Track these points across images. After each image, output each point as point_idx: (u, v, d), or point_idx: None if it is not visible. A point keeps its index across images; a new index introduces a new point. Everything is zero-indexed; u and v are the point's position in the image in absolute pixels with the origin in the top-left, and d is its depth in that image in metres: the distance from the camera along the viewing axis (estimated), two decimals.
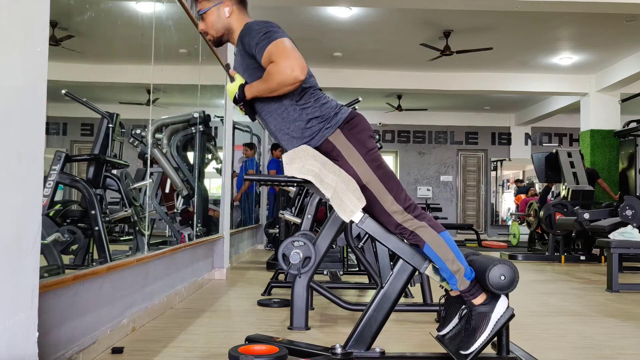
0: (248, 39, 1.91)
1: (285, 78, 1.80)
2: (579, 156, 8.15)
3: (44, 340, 1.79)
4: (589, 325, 3.22)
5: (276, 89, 1.85)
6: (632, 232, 4.92)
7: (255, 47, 1.88)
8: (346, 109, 2.00)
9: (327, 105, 1.98)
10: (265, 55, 1.85)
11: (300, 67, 1.80)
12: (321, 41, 7.70)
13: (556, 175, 8.26)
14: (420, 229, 1.95)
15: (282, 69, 1.80)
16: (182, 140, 4.32)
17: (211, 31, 2.07)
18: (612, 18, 6.57)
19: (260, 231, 9.17)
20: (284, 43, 1.84)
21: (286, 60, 1.80)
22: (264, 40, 1.86)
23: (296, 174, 1.90)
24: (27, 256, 1.47)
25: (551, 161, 8.27)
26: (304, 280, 2.86)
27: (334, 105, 2.00)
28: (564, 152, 8.16)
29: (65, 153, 2.52)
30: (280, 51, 1.82)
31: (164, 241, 3.99)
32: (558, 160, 8.10)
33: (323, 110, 1.96)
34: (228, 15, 2.03)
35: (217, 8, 2.03)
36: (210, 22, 2.06)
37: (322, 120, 1.95)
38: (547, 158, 8.34)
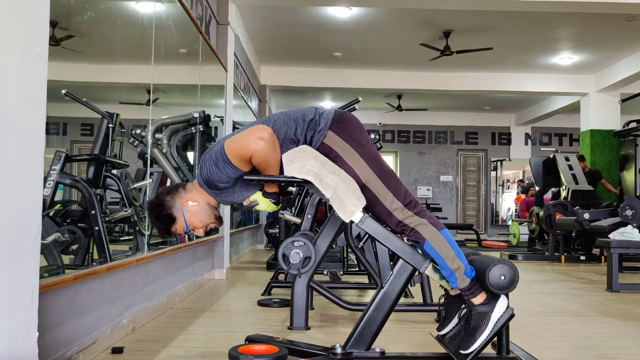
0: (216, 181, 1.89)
1: (264, 150, 1.81)
2: (576, 160, 8.19)
3: (44, 340, 1.79)
4: (589, 325, 3.22)
5: (271, 160, 1.85)
6: (632, 232, 4.92)
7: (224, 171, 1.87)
8: (330, 110, 2.00)
9: (307, 115, 1.97)
10: (234, 162, 1.84)
11: (256, 135, 1.81)
12: (321, 41, 7.70)
13: (554, 180, 8.28)
14: (421, 226, 1.96)
15: (255, 149, 1.80)
16: (182, 140, 4.32)
17: (203, 224, 2.02)
18: (612, 18, 6.57)
19: (260, 231, 9.17)
20: (229, 144, 1.85)
21: (249, 144, 1.81)
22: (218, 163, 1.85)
23: (296, 174, 1.90)
24: (27, 256, 1.47)
25: (549, 166, 8.29)
26: (304, 280, 2.86)
27: (314, 111, 1.99)
28: (561, 157, 8.19)
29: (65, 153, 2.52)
30: (237, 146, 1.83)
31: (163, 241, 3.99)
32: (556, 165, 8.11)
33: (306, 123, 1.95)
34: (197, 202, 1.98)
35: (187, 210, 1.97)
36: (196, 223, 2.00)
37: (311, 127, 1.95)
38: (544, 163, 8.35)
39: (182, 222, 1.97)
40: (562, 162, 8.09)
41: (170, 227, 1.99)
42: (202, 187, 1.97)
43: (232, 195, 1.99)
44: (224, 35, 5.33)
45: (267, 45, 7.88)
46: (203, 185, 1.95)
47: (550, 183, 8.44)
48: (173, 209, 1.96)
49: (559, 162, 8.08)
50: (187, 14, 3.94)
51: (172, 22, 3.73)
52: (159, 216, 1.97)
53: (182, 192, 1.99)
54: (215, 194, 1.97)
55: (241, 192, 1.99)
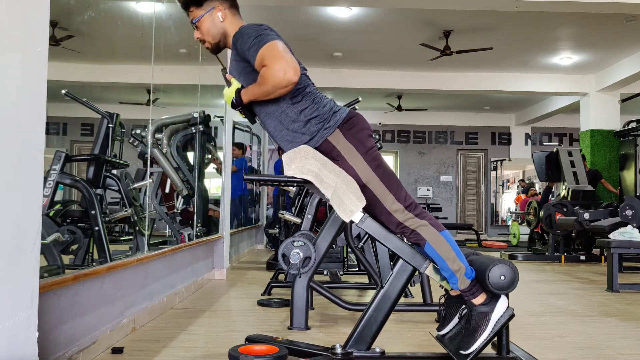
0: (241, 43, 1.91)
1: (278, 81, 1.80)
2: (579, 155, 8.15)
3: (44, 340, 1.79)
4: (589, 325, 3.22)
5: (271, 92, 1.86)
6: (632, 232, 4.92)
7: (247, 51, 1.88)
8: (345, 109, 2.01)
9: (324, 105, 1.98)
10: (257, 58, 1.85)
11: (292, 69, 1.80)
12: (321, 41, 7.70)
13: (557, 174, 8.26)
14: (421, 227, 1.96)
15: (275, 72, 1.80)
16: (182, 140, 4.32)
17: (208, 38, 2.06)
18: (612, 18, 6.56)
19: (260, 231, 9.18)
20: (276, 45, 1.85)
21: (278, 63, 1.80)
22: (255, 44, 1.86)
23: (296, 174, 1.90)
24: (27, 256, 1.47)
25: (552, 160, 8.27)
26: (304, 280, 2.86)
27: (332, 106, 2.00)
28: (564, 151, 8.15)
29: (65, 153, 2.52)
30: (272, 54, 1.83)
31: (164, 241, 3.99)
32: (559, 160, 8.09)
33: (320, 111, 1.96)
34: (222, 19, 2.02)
35: (210, 14, 2.02)
36: (205, 30, 2.04)
37: (321, 120, 1.95)
38: (547, 157, 8.34)
39: (201, 14, 2.01)
40: (564, 157, 8.06)
41: (191, 5, 2.02)
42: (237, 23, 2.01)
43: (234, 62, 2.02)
44: None
45: None
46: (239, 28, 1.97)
47: (553, 178, 8.42)
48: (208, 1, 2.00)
49: (561, 158, 8.05)
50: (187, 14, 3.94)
51: (172, 22, 3.73)
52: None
53: (226, 4, 2.03)
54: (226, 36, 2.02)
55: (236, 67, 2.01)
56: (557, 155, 8.16)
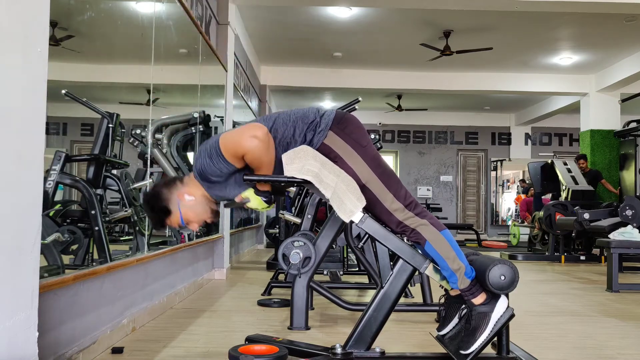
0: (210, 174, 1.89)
1: (255, 146, 1.80)
2: (574, 164, 8.19)
3: (44, 340, 1.79)
4: (589, 325, 3.22)
5: (268, 160, 1.86)
6: (632, 232, 4.92)
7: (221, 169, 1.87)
8: (331, 110, 2.00)
9: (307, 115, 1.97)
10: (229, 158, 1.84)
11: (250, 131, 1.82)
12: (321, 41, 7.70)
13: (552, 185, 8.29)
14: (421, 226, 1.96)
15: (249, 147, 1.80)
16: (182, 140, 4.32)
17: (201, 217, 1.99)
18: (612, 18, 6.57)
19: (260, 231, 9.17)
20: (223, 139, 1.85)
21: (242, 142, 1.81)
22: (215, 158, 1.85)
23: (296, 174, 1.90)
24: (27, 256, 1.47)
25: (547, 171, 8.29)
26: (304, 280, 2.86)
27: (315, 111, 1.99)
28: (559, 162, 8.20)
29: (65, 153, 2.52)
30: (230, 144, 1.83)
31: (164, 241, 3.99)
32: (554, 170, 8.12)
33: (307, 121, 1.95)
34: (193, 197, 1.96)
35: (182, 204, 1.94)
36: (192, 217, 1.97)
37: (312, 128, 1.94)
38: (542, 168, 8.35)
39: (178, 216, 1.95)
40: (560, 167, 8.10)
41: (164, 220, 1.96)
42: (197, 179, 1.95)
43: (225, 190, 1.98)
44: (224, 35, 5.33)
45: (267, 45, 7.88)
46: (197, 177, 1.94)
47: (548, 188, 8.45)
48: (169, 202, 1.94)
49: (557, 167, 8.08)
50: (187, 14, 3.94)
51: (172, 22, 3.73)
52: (154, 208, 1.96)
53: (180, 186, 1.97)
54: (207, 187, 1.96)
55: (234, 188, 1.98)
56: (552, 166, 8.18)
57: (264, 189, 1.96)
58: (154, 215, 1.98)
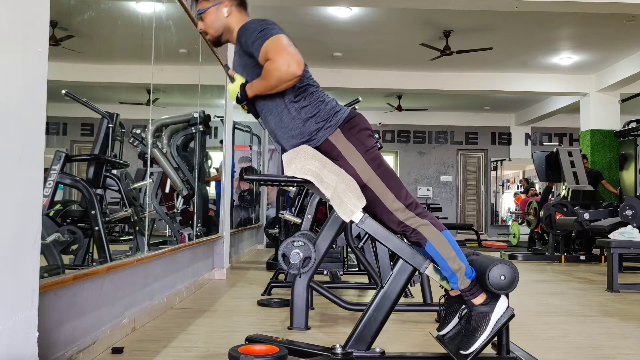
0: (245, 38, 1.93)
1: (282, 74, 1.82)
2: (579, 155, 8.14)
3: (44, 340, 1.79)
4: (589, 325, 3.22)
5: (275, 86, 1.87)
6: (632, 232, 4.92)
7: (252, 46, 1.90)
8: (346, 109, 2.01)
9: (326, 104, 1.98)
10: (261, 52, 1.86)
11: (296, 62, 1.81)
12: (321, 41, 7.70)
13: (557, 174, 8.25)
14: (422, 226, 1.96)
15: (279, 65, 1.81)
16: (182, 141, 4.32)
17: (210, 30, 2.09)
18: (612, 18, 6.56)
19: (260, 231, 9.17)
20: (280, 39, 1.86)
21: (282, 57, 1.81)
22: (259, 38, 1.87)
23: (296, 174, 1.90)
24: (27, 256, 1.47)
25: (552, 160, 8.27)
26: (304, 280, 2.86)
27: (333, 105, 2.00)
28: (564, 151, 8.14)
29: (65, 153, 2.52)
30: (276, 48, 1.84)
31: (164, 241, 3.99)
32: (559, 160, 8.09)
33: (322, 109, 1.96)
34: (227, 15, 2.05)
35: (216, 8, 2.05)
36: (209, 22, 2.07)
37: (322, 119, 1.95)
38: (547, 157, 8.33)
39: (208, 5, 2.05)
40: (564, 157, 8.06)
41: None
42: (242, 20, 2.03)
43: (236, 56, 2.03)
44: None
45: None
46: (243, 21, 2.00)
47: (553, 177, 8.42)
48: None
49: (561, 158, 8.05)
50: (187, 14, 3.94)
51: (172, 22, 3.73)
52: None
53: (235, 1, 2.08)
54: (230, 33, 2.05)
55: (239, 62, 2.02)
56: (557, 156, 8.15)
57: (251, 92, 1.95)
58: None
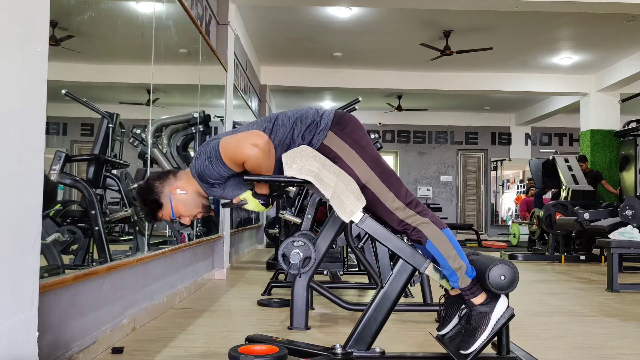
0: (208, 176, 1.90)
1: (258, 156, 1.81)
2: (575, 161, 8.19)
3: (44, 340, 1.79)
4: (589, 325, 3.22)
5: (268, 166, 1.87)
6: (632, 232, 4.92)
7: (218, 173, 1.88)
8: (330, 111, 2.00)
9: (307, 116, 1.97)
10: (229, 164, 1.85)
11: (252, 139, 1.82)
12: (321, 41, 7.70)
13: (553, 181, 8.28)
14: (423, 225, 1.95)
15: (249, 155, 1.81)
16: (182, 141, 4.32)
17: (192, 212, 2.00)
18: (612, 18, 6.57)
19: (260, 231, 9.17)
20: (225, 143, 1.85)
21: (243, 148, 1.81)
22: (215, 161, 1.86)
23: (296, 174, 1.90)
24: (27, 256, 1.47)
25: (548, 167, 8.29)
26: (304, 280, 2.86)
27: (314, 112, 1.99)
28: (560, 158, 8.18)
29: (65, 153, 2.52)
30: (232, 149, 1.83)
31: (164, 241, 3.99)
32: (555, 167, 8.11)
33: (306, 121, 1.96)
34: (185, 191, 1.97)
35: (174, 198, 1.96)
36: (183, 211, 1.98)
37: (312, 128, 1.95)
38: (544, 164, 8.35)
39: (169, 209, 1.96)
40: (561, 163, 8.09)
41: (156, 213, 1.97)
42: (195, 178, 1.96)
43: (223, 191, 1.99)
44: (224, 35, 5.33)
45: (267, 45, 7.88)
46: (195, 177, 1.95)
47: (549, 185, 8.44)
48: (161, 195, 1.95)
49: (558, 164, 8.08)
50: (187, 14, 3.94)
51: (172, 22, 3.73)
52: (145, 201, 1.97)
53: (172, 179, 1.98)
54: (206, 187, 1.97)
55: (232, 189, 1.99)
56: (553, 163, 8.17)
57: (262, 191, 1.96)
58: (145, 207, 1.99)
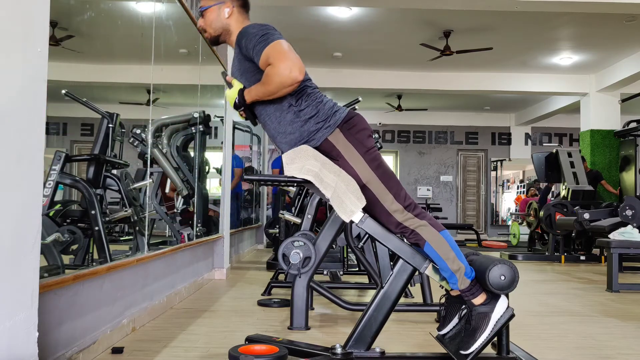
0: (245, 42, 1.93)
1: (284, 79, 1.82)
2: (579, 156, 8.15)
3: (44, 340, 1.79)
4: (589, 325, 3.22)
5: (275, 92, 1.87)
6: (632, 232, 4.92)
7: (252, 50, 1.90)
8: (344, 109, 2.01)
9: (324, 104, 1.99)
10: (262, 57, 1.87)
11: (298, 68, 1.82)
12: (321, 41, 7.70)
13: (556, 175, 8.26)
14: (421, 227, 1.96)
15: (281, 70, 1.81)
16: (182, 141, 4.32)
17: (209, 29, 2.10)
18: (612, 18, 6.57)
19: (260, 231, 9.17)
20: (281, 45, 1.86)
21: (284, 62, 1.82)
22: (260, 42, 1.87)
23: (296, 174, 1.90)
24: (27, 256, 1.47)
25: (551, 161, 8.27)
26: (304, 280, 2.86)
27: (331, 105, 2.00)
28: (564, 152, 8.15)
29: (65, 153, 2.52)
30: (277, 53, 1.84)
31: (164, 241, 3.99)
32: (558, 161, 8.10)
33: (320, 110, 1.96)
34: (227, 16, 2.06)
35: (218, 7, 2.06)
36: (209, 20, 2.08)
37: (321, 120, 1.95)
38: (547, 158, 8.34)
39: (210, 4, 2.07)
40: (564, 158, 8.07)
41: None
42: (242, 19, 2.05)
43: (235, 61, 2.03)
44: None
45: None
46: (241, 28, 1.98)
47: (552, 178, 8.43)
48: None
49: (561, 158, 8.06)
50: (187, 14, 3.94)
51: (172, 22, 3.73)
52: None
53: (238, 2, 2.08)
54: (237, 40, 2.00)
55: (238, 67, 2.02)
56: (556, 156, 8.16)
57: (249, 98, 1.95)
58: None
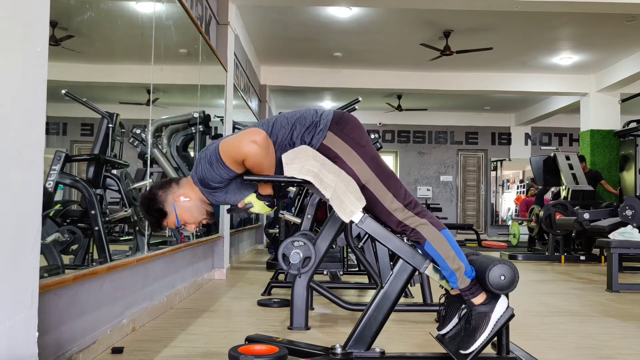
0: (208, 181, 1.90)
1: (255, 151, 1.81)
2: (576, 159, 8.18)
3: (44, 340, 1.79)
4: (589, 325, 3.22)
5: (266, 163, 1.86)
6: (632, 232, 4.92)
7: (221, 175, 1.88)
8: (329, 111, 2.01)
9: (305, 117, 1.97)
10: (229, 164, 1.85)
11: (249, 136, 1.82)
12: (321, 41, 7.70)
13: (554, 178, 8.28)
14: (421, 226, 1.96)
15: (248, 151, 1.81)
16: (182, 141, 4.32)
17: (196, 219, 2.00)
18: (612, 18, 6.57)
19: (260, 231, 9.17)
20: (224, 146, 1.85)
21: (241, 147, 1.81)
22: (215, 164, 1.86)
23: (296, 174, 1.90)
24: (27, 256, 1.47)
25: (549, 165, 8.29)
26: (304, 280, 2.86)
27: (312, 113, 1.99)
28: (561, 156, 8.18)
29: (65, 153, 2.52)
30: (230, 149, 1.84)
31: (164, 241, 3.99)
32: (556, 164, 8.11)
33: (306, 122, 1.96)
34: (189, 198, 1.97)
35: (178, 206, 1.96)
36: (190, 218, 1.99)
37: (311, 129, 1.95)
38: (545, 162, 8.35)
39: (174, 217, 1.97)
40: (562, 161, 8.09)
41: (161, 222, 1.98)
42: (196, 185, 1.97)
43: (226, 195, 1.99)
44: (224, 35, 5.33)
45: (267, 45, 7.88)
46: (197, 183, 1.95)
47: (550, 182, 8.44)
48: (165, 203, 1.96)
49: (559, 162, 8.08)
50: (187, 14, 3.94)
51: (172, 22, 3.73)
52: (149, 210, 1.97)
53: (175, 187, 1.98)
54: (209, 193, 1.97)
55: (235, 193, 2.00)
56: (554, 160, 8.17)
57: (266, 192, 1.97)
58: (150, 217, 1.99)
